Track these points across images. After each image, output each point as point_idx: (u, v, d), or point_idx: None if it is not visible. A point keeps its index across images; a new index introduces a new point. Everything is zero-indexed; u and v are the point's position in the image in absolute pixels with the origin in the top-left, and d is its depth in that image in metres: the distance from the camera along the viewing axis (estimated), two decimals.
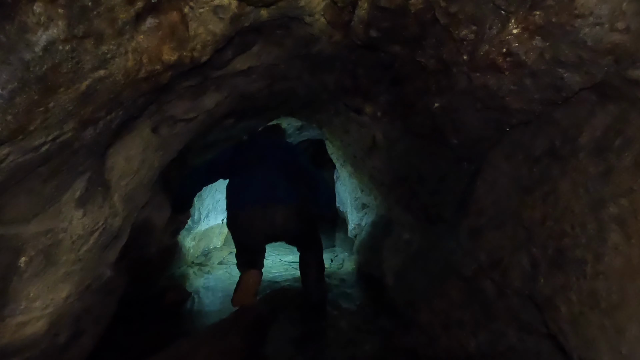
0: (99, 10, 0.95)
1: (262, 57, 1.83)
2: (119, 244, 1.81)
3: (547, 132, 1.33)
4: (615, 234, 1.02)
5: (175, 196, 2.53)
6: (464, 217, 1.71)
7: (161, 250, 2.80)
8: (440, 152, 1.99)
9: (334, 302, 2.67)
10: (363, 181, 3.37)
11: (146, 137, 1.70)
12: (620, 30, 0.97)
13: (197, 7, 1.20)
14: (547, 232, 1.24)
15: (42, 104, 0.94)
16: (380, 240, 2.98)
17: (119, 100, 1.19)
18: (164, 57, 1.21)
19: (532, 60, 1.19)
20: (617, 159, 1.05)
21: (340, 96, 2.38)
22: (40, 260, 1.30)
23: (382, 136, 2.43)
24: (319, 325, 2.31)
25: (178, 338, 1.83)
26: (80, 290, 1.54)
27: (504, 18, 1.17)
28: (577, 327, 1.09)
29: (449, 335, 1.73)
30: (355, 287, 3.00)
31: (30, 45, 0.86)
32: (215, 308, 2.61)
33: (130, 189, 1.73)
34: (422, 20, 1.41)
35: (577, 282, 1.10)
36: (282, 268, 3.61)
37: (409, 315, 2.09)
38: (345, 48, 1.81)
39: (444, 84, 1.63)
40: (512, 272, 1.38)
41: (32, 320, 1.35)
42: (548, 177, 1.27)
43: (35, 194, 1.19)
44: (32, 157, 1.04)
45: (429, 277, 2.00)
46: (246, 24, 1.41)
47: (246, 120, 2.88)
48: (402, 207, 2.60)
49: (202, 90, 1.82)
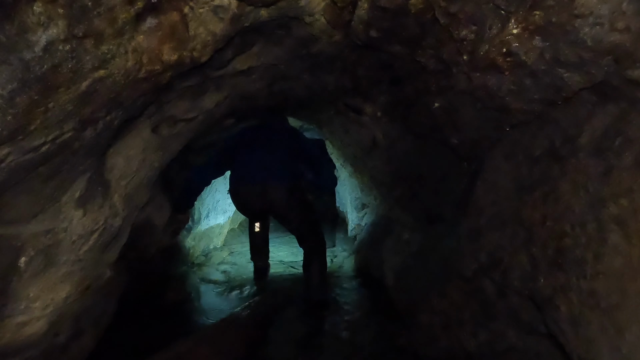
0: (99, 10, 0.95)
1: (262, 57, 1.83)
2: (119, 244, 1.82)
3: (547, 132, 1.33)
4: (615, 234, 1.02)
5: (177, 195, 2.66)
6: (464, 217, 1.71)
7: (161, 250, 2.80)
8: (440, 152, 1.99)
9: (334, 302, 2.67)
10: (363, 181, 3.37)
11: (146, 137, 1.70)
12: (620, 30, 0.97)
13: (197, 7, 1.20)
14: (547, 232, 1.23)
15: (42, 104, 0.95)
16: (380, 240, 2.97)
17: (119, 100, 1.19)
18: (164, 57, 1.21)
19: (532, 60, 1.19)
20: (617, 159, 1.05)
21: (340, 96, 2.38)
22: (40, 260, 1.30)
23: (382, 136, 2.43)
24: (319, 324, 2.31)
25: (178, 338, 1.83)
26: (80, 290, 1.54)
27: (504, 18, 1.17)
28: (577, 327, 1.09)
29: (449, 335, 1.73)
30: (355, 287, 3.00)
31: (30, 45, 0.86)
32: (215, 308, 2.61)
33: (130, 189, 1.73)
34: (422, 20, 1.41)
35: (577, 282, 1.10)
36: (281, 268, 3.61)
37: (409, 315, 2.09)
38: (345, 48, 1.81)
39: (444, 84, 1.63)
40: (512, 272, 1.38)
41: (32, 320, 1.35)
42: (548, 177, 1.27)
43: (35, 194, 1.19)
44: (32, 157, 1.04)
45: (429, 277, 2.00)
46: (246, 24, 1.41)
47: (246, 121, 2.88)
48: (402, 207, 2.60)
49: (202, 90, 1.82)
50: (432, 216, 2.21)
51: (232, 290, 2.95)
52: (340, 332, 2.22)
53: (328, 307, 2.52)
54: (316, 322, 2.36)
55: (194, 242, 3.57)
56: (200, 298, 2.80)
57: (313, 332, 2.23)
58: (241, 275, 3.35)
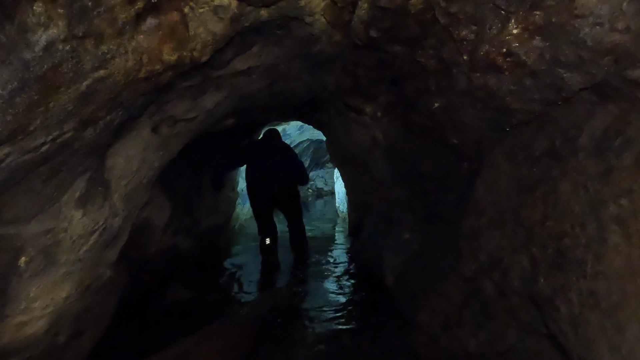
0: (99, 10, 0.95)
1: (262, 57, 1.83)
2: (119, 244, 1.82)
3: (547, 132, 1.33)
4: (615, 234, 1.02)
5: (212, 176, 3.73)
6: (464, 217, 1.71)
7: (161, 250, 2.80)
8: (440, 152, 1.99)
9: (334, 301, 2.67)
10: (363, 181, 3.37)
11: (146, 137, 1.70)
12: (620, 30, 0.97)
13: (197, 7, 1.20)
14: (547, 232, 1.23)
15: (42, 104, 0.95)
16: (380, 240, 2.97)
17: (119, 100, 1.19)
18: (164, 57, 1.21)
19: (532, 60, 1.19)
20: (617, 159, 1.05)
21: (340, 96, 2.38)
22: (40, 260, 1.30)
23: (382, 136, 2.43)
24: (319, 324, 2.31)
25: (178, 338, 1.83)
26: (80, 290, 1.54)
27: (504, 18, 1.17)
28: (577, 327, 1.09)
29: (449, 335, 1.73)
30: (354, 287, 3.00)
31: (30, 45, 0.86)
32: (216, 307, 2.61)
33: (130, 189, 1.73)
34: (422, 20, 1.41)
35: (577, 282, 1.10)
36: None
37: (409, 315, 2.09)
38: (346, 48, 1.81)
39: (444, 84, 1.63)
40: (512, 272, 1.38)
41: (32, 320, 1.35)
42: (548, 177, 1.27)
43: (35, 194, 1.19)
44: (32, 157, 1.04)
45: (429, 277, 2.00)
46: (246, 24, 1.41)
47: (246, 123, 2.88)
48: (402, 207, 2.60)
49: (202, 90, 1.82)
50: (432, 216, 2.21)
51: (231, 291, 2.99)
52: (340, 332, 2.22)
53: (308, 257, 3.83)
54: (302, 269, 3.28)
55: (195, 242, 3.61)
56: (201, 298, 2.80)
57: (313, 332, 2.23)
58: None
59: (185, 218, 3.36)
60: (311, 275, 3.36)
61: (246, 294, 2.93)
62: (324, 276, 3.30)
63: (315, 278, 3.28)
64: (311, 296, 2.84)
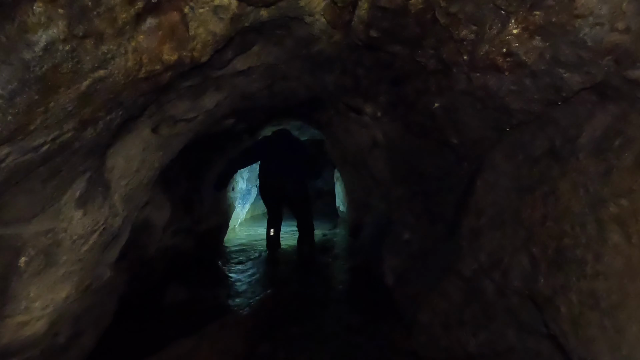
0: (99, 10, 0.95)
1: (262, 57, 1.83)
2: (119, 244, 1.82)
3: (547, 132, 1.33)
4: (615, 234, 1.02)
5: (221, 175, 3.73)
6: (464, 217, 1.71)
7: (161, 250, 2.79)
8: (440, 152, 1.99)
9: (334, 301, 2.67)
10: (363, 181, 3.37)
11: (146, 137, 1.70)
12: (620, 30, 0.97)
13: (197, 7, 1.20)
14: (547, 232, 1.24)
15: (42, 104, 0.94)
16: (380, 240, 2.97)
17: (119, 100, 1.19)
18: (164, 57, 1.21)
19: (532, 61, 1.19)
20: (617, 159, 1.05)
21: (340, 96, 2.38)
22: (40, 260, 1.30)
23: (382, 136, 2.43)
24: (319, 324, 2.31)
25: (178, 338, 1.83)
26: (80, 290, 1.54)
27: (504, 18, 1.17)
28: (577, 327, 1.09)
29: (449, 335, 1.73)
30: (354, 287, 3.00)
31: (30, 45, 0.86)
32: (216, 307, 2.61)
33: (130, 189, 1.73)
34: (422, 20, 1.41)
35: (577, 282, 1.10)
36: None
37: (409, 315, 2.09)
38: (346, 48, 1.81)
39: (444, 84, 1.63)
40: (512, 272, 1.38)
41: (32, 320, 1.35)
42: (548, 177, 1.27)
43: (35, 194, 1.19)
44: (32, 157, 1.04)
45: (429, 277, 2.00)
46: (246, 24, 1.41)
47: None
48: (402, 207, 2.60)
49: (202, 90, 1.82)
50: (432, 216, 2.21)
51: (232, 291, 2.99)
52: (340, 332, 2.22)
53: (313, 265, 3.65)
54: (306, 269, 3.24)
55: (195, 242, 3.61)
56: (201, 297, 2.80)
57: (313, 332, 2.23)
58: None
59: (185, 218, 3.36)
60: (311, 275, 3.37)
61: (246, 294, 2.93)
62: (324, 276, 3.30)
63: (315, 278, 3.28)
64: (311, 296, 2.84)
